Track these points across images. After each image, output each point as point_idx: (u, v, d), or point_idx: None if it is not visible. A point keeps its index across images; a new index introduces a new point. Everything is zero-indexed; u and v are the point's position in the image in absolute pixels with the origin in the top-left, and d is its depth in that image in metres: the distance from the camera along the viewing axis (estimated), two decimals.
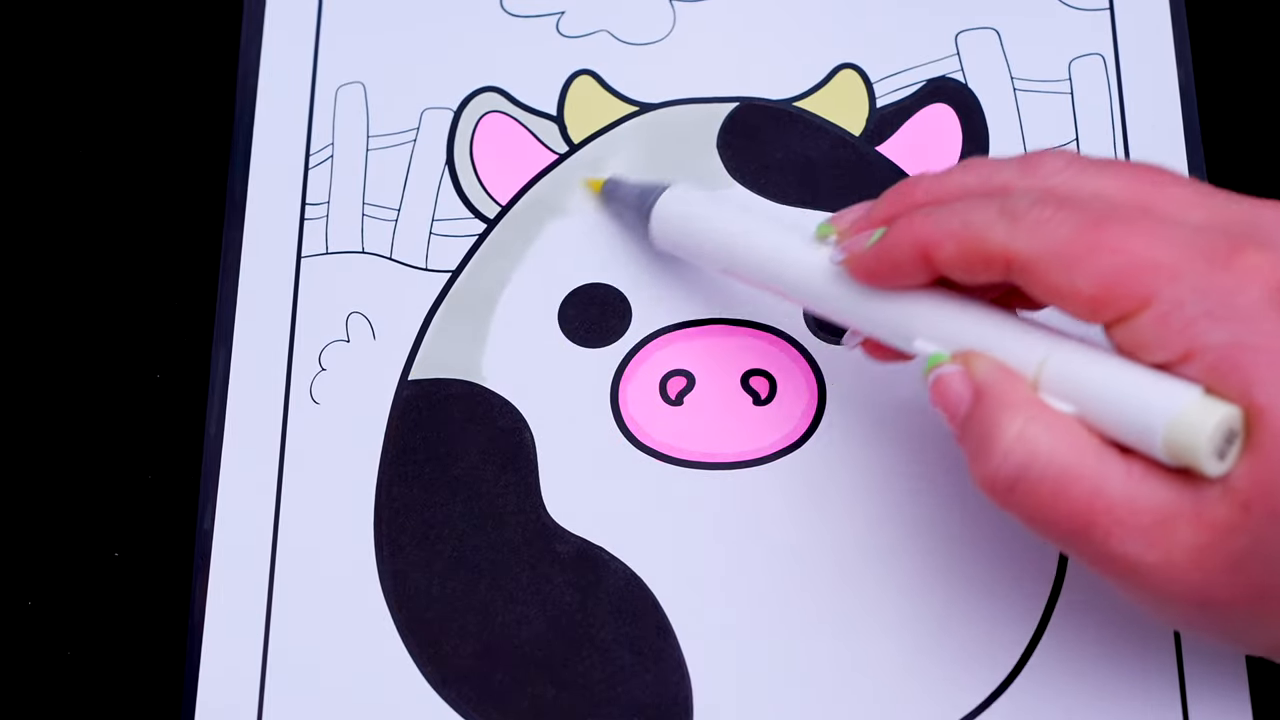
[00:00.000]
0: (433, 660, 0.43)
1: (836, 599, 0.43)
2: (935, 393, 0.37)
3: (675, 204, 0.44)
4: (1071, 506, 0.34)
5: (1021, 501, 0.35)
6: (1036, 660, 0.42)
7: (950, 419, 0.37)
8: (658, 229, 0.45)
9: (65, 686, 0.45)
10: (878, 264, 0.38)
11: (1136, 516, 0.33)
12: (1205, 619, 0.35)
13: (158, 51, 0.52)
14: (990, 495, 0.36)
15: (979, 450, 0.35)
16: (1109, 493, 0.34)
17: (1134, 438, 0.34)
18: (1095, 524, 0.34)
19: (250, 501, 0.45)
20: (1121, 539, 0.33)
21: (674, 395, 0.46)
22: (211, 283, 0.48)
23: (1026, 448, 0.34)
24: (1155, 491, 0.34)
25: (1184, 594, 0.34)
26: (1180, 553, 0.33)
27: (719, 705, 0.43)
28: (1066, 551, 0.36)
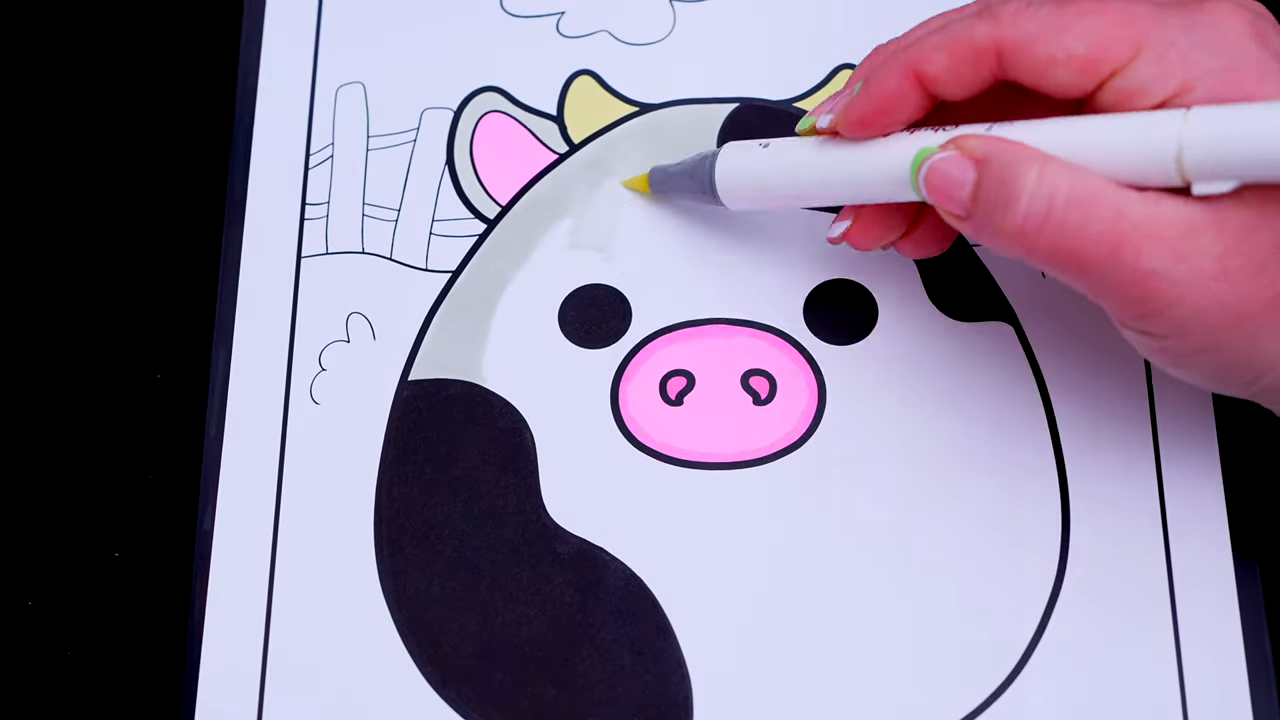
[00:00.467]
0: (433, 660, 0.43)
1: (836, 599, 0.43)
2: (931, 182, 0.38)
3: (733, 159, 0.44)
4: (1100, 229, 0.35)
5: (1052, 237, 0.36)
6: (1036, 660, 0.42)
7: (953, 203, 0.38)
8: (725, 189, 0.44)
9: (65, 686, 0.45)
10: (867, 105, 0.39)
11: (1161, 230, 0.35)
12: (1230, 342, 0.36)
13: (158, 51, 0.52)
14: (1020, 243, 0.36)
15: (1000, 207, 0.36)
16: (1132, 213, 0.35)
17: (1149, 169, 0.35)
18: (1124, 241, 0.35)
19: (250, 502, 0.45)
20: (1150, 253, 0.35)
21: (674, 395, 0.46)
22: (211, 283, 0.48)
23: (1049, 186, 0.36)
24: (1175, 209, 0.35)
25: (1210, 309, 0.35)
26: (1206, 261, 0.35)
27: (719, 705, 0.43)
28: (1096, 284, 0.36)
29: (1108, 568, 0.43)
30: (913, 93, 0.39)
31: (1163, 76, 0.36)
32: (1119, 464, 0.44)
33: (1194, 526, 0.43)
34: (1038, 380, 0.45)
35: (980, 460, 0.44)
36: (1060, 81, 0.37)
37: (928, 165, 0.38)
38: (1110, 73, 0.36)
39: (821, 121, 0.41)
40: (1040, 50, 0.37)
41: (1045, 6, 0.37)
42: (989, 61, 0.38)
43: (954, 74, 0.38)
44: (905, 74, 0.39)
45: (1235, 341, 0.36)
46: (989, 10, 0.38)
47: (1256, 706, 0.42)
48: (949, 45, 0.38)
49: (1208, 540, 0.43)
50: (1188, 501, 0.44)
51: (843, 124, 0.40)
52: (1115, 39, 0.36)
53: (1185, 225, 0.35)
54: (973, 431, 0.45)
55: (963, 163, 0.38)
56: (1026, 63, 0.37)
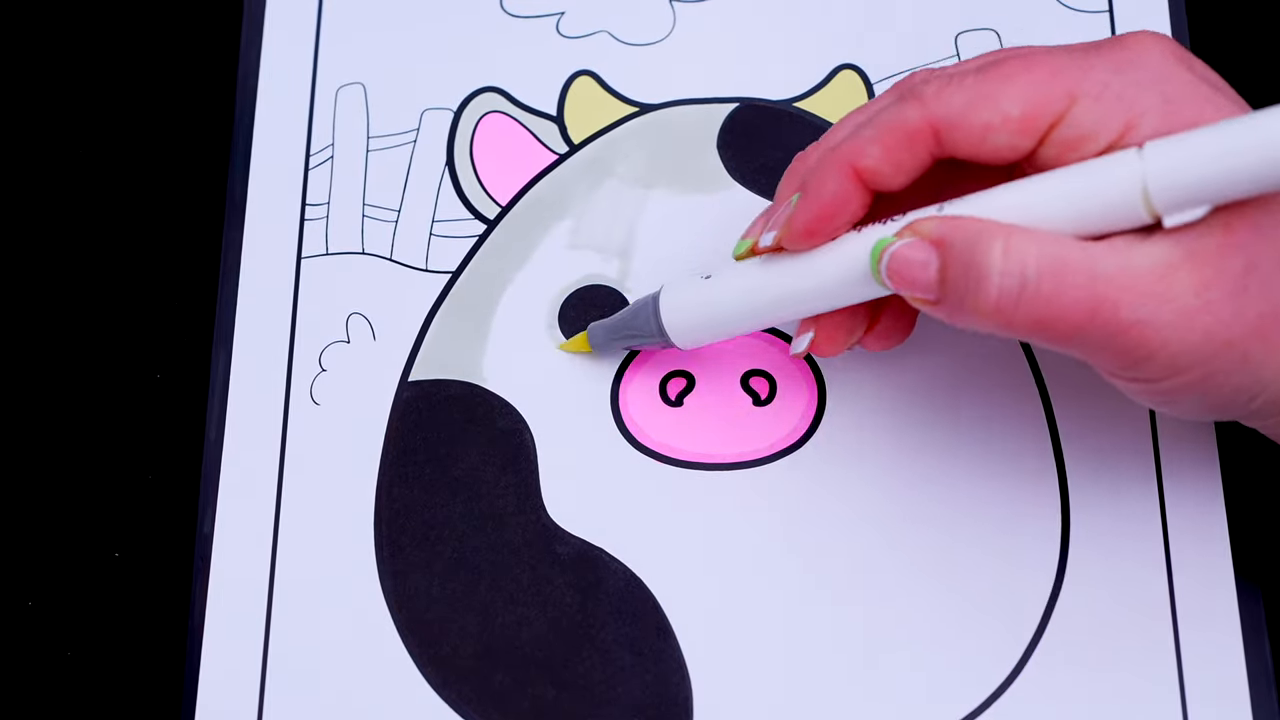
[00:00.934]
0: (433, 661, 0.43)
1: (836, 599, 0.43)
2: (894, 272, 0.37)
3: (678, 299, 0.43)
4: (1076, 295, 0.35)
5: (1029, 311, 0.35)
6: (1036, 660, 0.42)
7: (921, 289, 0.37)
8: (676, 332, 0.43)
9: (65, 686, 0.45)
10: (810, 214, 0.39)
11: (1137, 279, 0.35)
12: (1222, 370, 0.35)
13: (158, 51, 0.52)
14: (997, 320, 0.36)
15: (971, 288, 0.36)
16: (1106, 269, 0.35)
17: (1115, 214, 0.35)
18: (1102, 301, 0.35)
19: (250, 502, 0.45)
20: (1131, 305, 0.35)
21: (674, 396, 0.46)
22: (212, 283, 0.48)
23: (1016, 261, 0.35)
24: (1145, 254, 0.35)
25: (1199, 342, 0.35)
26: (1187, 297, 0.34)
27: (719, 705, 0.43)
28: (1083, 348, 0.36)
29: (1108, 568, 0.43)
30: (854, 191, 0.38)
31: (1105, 119, 0.35)
32: (1119, 464, 0.44)
33: (1193, 526, 0.43)
34: (1038, 381, 0.45)
35: (980, 461, 0.44)
36: (1000, 146, 0.37)
37: (888, 255, 0.37)
38: (1049, 126, 0.36)
39: (764, 240, 0.40)
40: (975, 120, 0.36)
41: (967, 78, 0.37)
42: (925, 143, 0.37)
43: (892, 163, 0.38)
44: (843, 173, 0.38)
45: (1227, 368, 0.36)
46: (911, 93, 0.37)
47: (1256, 706, 0.42)
48: (882, 136, 0.38)
49: (1207, 540, 0.43)
50: (1187, 501, 0.44)
51: (787, 238, 0.39)
52: (1047, 93, 0.36)
53: (1159, 267, 0.35)
54: (973, 432, 0.45)
55: (923, 247, 0.37)
56: (964, 136, 0.37)
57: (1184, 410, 0.38)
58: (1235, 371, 0.36)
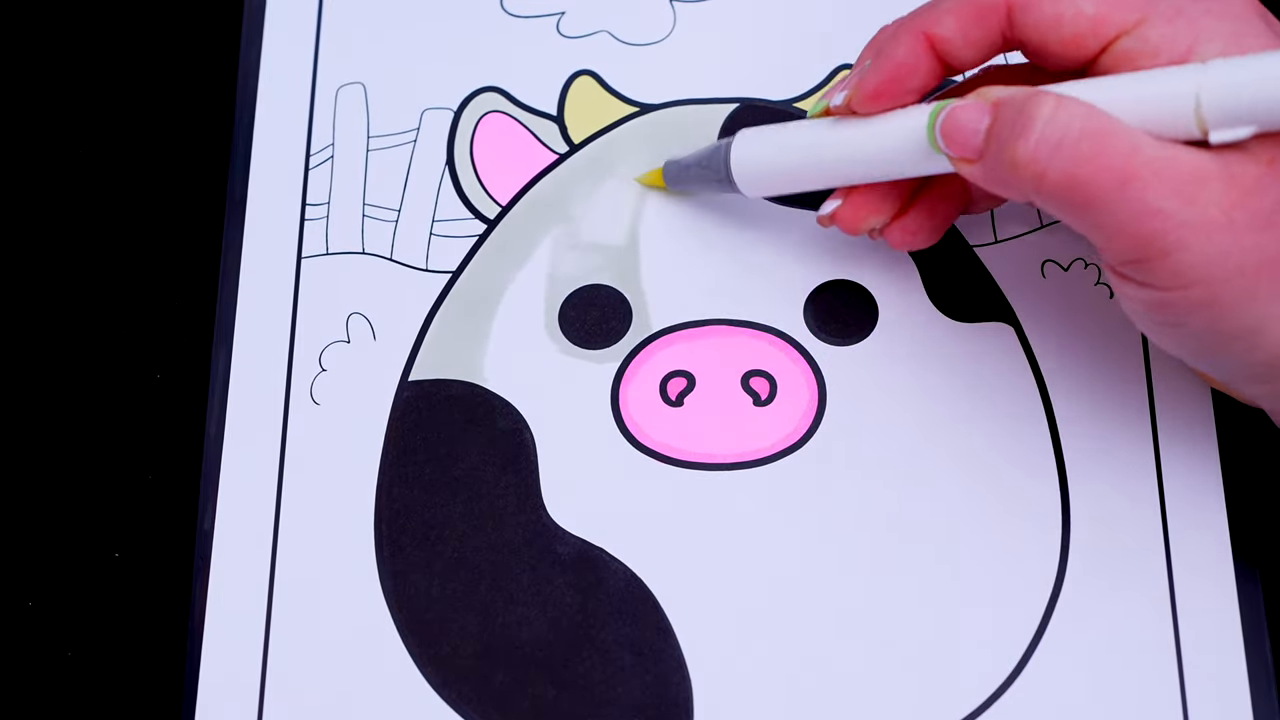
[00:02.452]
0: (433, 661, 0.43)
1: (836, 599, 0.43)
2: (948, 129, 0.38)
3: (748, 145, 0.44)
4: (1112, 162, 0.35)
5: (1064, 165, 0.36)
6: (1036, 660, 0.42)
7: (968, 148, 0.38)
8: (742, 176, 0.44)
9: (65, 686, 0.45)
10: (881, 76, 0.40)
11: (1172, 171, 0.35)
12: (1228, 298, 0.36)
13: (158, 51, 0.52)
14: (1030, 168, 0.36)
15: (1013, 135, 0.36)
16: (1145, 151, 0.35)
17: (1166, 118, 0.36)
18: (1134, 176, 0.35)
19: (250, 502, 0.45)
20: (1159, 192, 0.35)
21: (674, 396, 0.46)
22: (211, 283, 0.48)
23: (1064, 116, 0.36)
24: (1188, 156, 0.35)
25: (1213, 258, 0.35)
26: (1213, 209, 0.35)
27: (719, 705, 0.43)
28: (1102, 221, 0.36)
29: (1108, 568, 0.43)
30: (924, 59, 0.39)
31: (1170, 39, 0.36)
32: (1119, 464, 0.44)
33: (1194, 526, 0.43)
34: (1038, 380, 0.45)
35: (980, 460, 0.44)
36: (1066, 40, 0.37)
37: (945, 112, 0.38)
38: (1116, 35, 0.37)
39: (835, 100, 0.41)
40: (1049, 8, 0.37)
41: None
42: (998, 19, 0.38)
43: (963, 35, 0.39)
44: (916, 40, 0.39)
45: (1232, 299, 0.36)
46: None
47: (1256, 706, 0.42)
48: (958, 8, 0.39)
49: (1208, 539, 0.43)
50: (1187, 501, 0.44)
51: (856, 99, 0.40)
52: (1123, 1, 0.37)
53: (1196, 172, 0.35)
54: (973, 432, 0.45)
55: (980, 108, 0.38)
56: (1035, 20, 0.38)
57: (1181, 337, 0.38)
58: (1241, 305, 0.36)
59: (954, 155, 0.38)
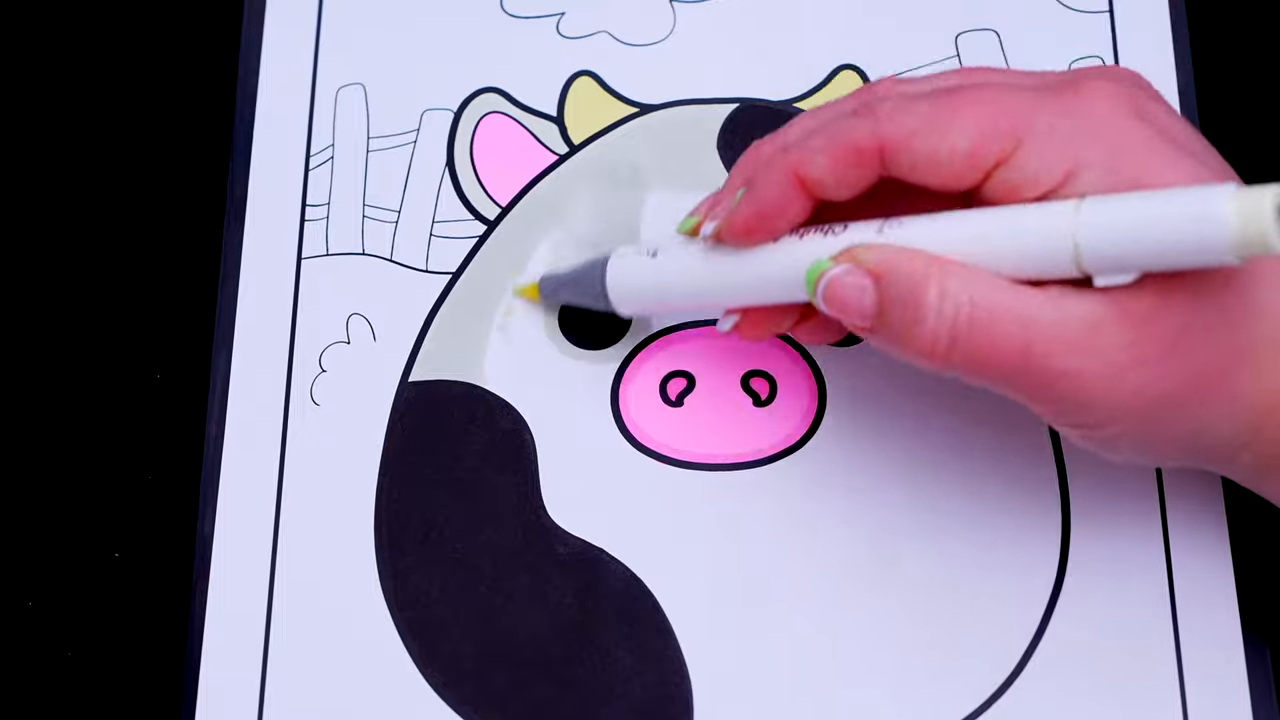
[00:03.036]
0: (433, 661, 0.43)
1: (837, 600, 0.43)
2: (830, 298, 0.38)
3: (623, 268, 0.43)
4: (1009, 342, 0.35)
5: (962, 353, 0.36)
6: (1036, 660, 0.42)
7: (856, 317, 0.37)
8: (617, 298, 0.44)
9: (65, 686, 0.45)
10: (750, 212, 0.39)
11: (1068, 331, 0.35)
12: (1157, 422, 0.36)
13: (158, 52, 0.52)
14: (931, 362, 0.37)
15: (907, 327, 0.36)
16: (1038, 317, 0.35)
17: (1048, 265, 0.35)
18: (1033, 345, 0.35)
19: (251, 502, 0.45)
20: (1061, 354, 0.35)
21: (674, 397, 0.46)
22: (212, 284, 0.48)
23: (951, 304, 0.36)
24: (1078, 306, 0.35)
25: (1130, 397, 0.35)
26: (1115, 351, 0.35)
27: (719, 705, 0.43)
28: (1018, 392, 0.36)
29: (1108, 568, 0.43)
30: (797, 197, 0.38)
31: (1048, 166, 0.35)
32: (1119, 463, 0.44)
33: (1193, 525, 0.43)
34: None
35: (980, 461, 0.44)
36: (945, 177, 0.37)
37: (824, 281, 0.38)
38: (994, 164, 0.36)
39: (706, 229, 0.40)
40: (922, 147, 0.36)
41: (922, 102, 0.37)
42: (871, 161, 0.37)
43: (837, 176, 0.38)
44: (788, 179, 0.38)
45: (1162, 423, 0.36)
46: (866, 108, 0.38)
47: (1256, 706, 0.42)
48: (830, 149, 0.38)
49: (1207, 539, 0.43)
50: (1187, 501, 0.44)
51: (726, 232, 0.40)
52: (996, 132, 0.36)
53: (1090, 321, 0.35)
54: (973, 433, 0.45)
55: (860, 277, 0.37)
56: (909, 160, 0.37)
57: (1128, 456, 0.38)
58: (1173, 423, 0.36)
59: (844, 321, 0.38)
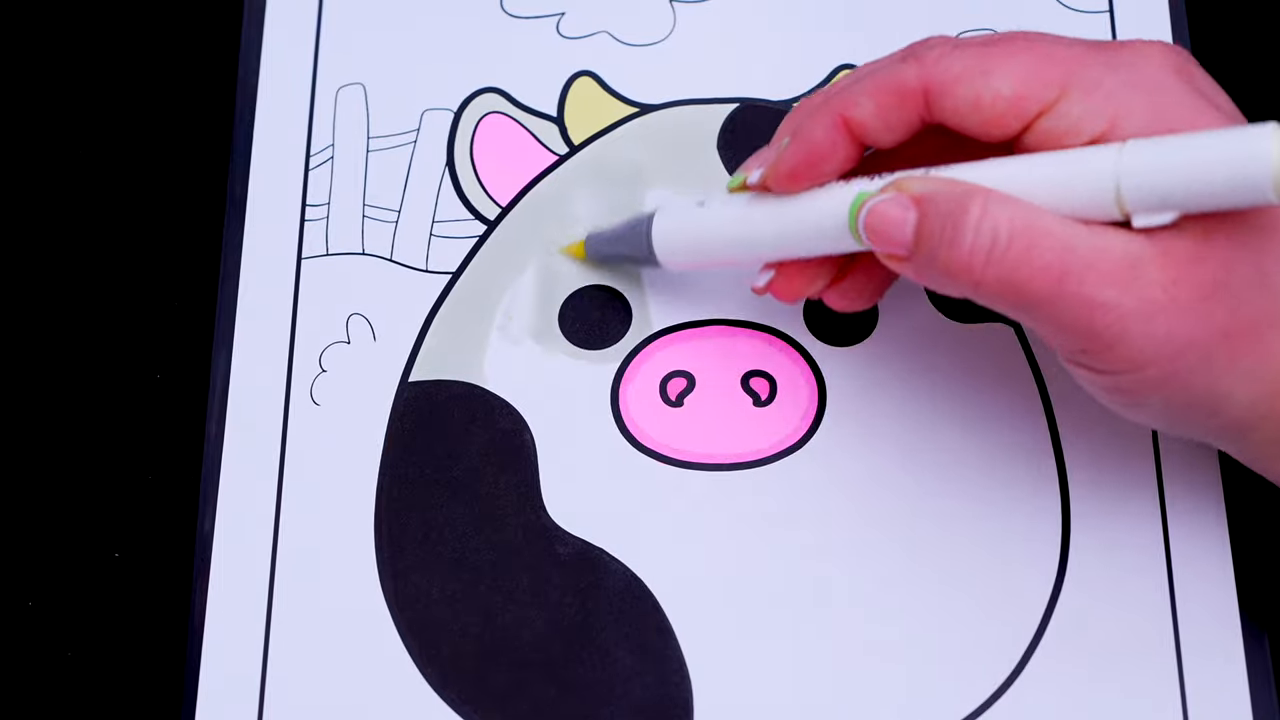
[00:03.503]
0: (433, 661, 0.43)
1: (836, 600, 0.43)
2: (871, 225, 0.38)
3: (669, 221, 0.44)
4: (1045, 261, 0.35)
5: (998, 270, 0.36)
6: (1036, 660, 0.42)
7: (894, 244, 0.37)
8: (663, 252, 0.44)
9: (65, 686, 0.45)
10: (797, 157, 0.39)
11: (1107, 261, 0.35)
12: (1182, 375, 0.35)
13: (158, 52, 0.52)
14: (965, 276, 0.36)
15: (945, 244, 0.36)
16: (1078, 245, 0.35)
17: (1089, 204, 0.35)
18: (1070, 271, 0.35)
19: (250, 502, 0.45)
20: (1096, 283, 0.35)
21: (674, 396, 0.46)
22: (212, 283, 0.48)
23: (992, 219, 0.36)
24: (1119, 241, 0.35)
25: (1160, 340, 0.35)
26: (1153, 289, 0.35)
27: (719, 705, 0.43)
28: (1044, 318, 0.36)
29: (1108, 567, 0.43)
30: (842, 141, 0.39)
31: (1090, 115, 0.36)
32: (1119, 464, 0.44)
33: (1193, 525, 0.44)
34: (1038, 381, 0.45)
35: (980, 461, 0.44)
36: (987, 122, 0.37)
37: (867, 208, 0.38)
38: (1037, 113, 0.36)
39: (752, 178, 0.40)
40: (966, 91, 0.37)
41: (970, 47, 0.37)
42: (916, 104, 0.37)
43: (882, 119, 0.38)
44: (833, 122, 0.38)
45: (1187, 374, 0.35)
46: (913, 54, 0.38)
47: (1256, 706, 0.42)
48: (875, 91, 0.38)
49: (1207, 539, 0.43)
50: (1187, 501, 0.44)
51: (773, 178, 0.40)
52: (1041, 79, 0.36)
53: (1130, 257, 0.35)
54: (973, 432, 0.45)
55: (903, 202, 0.37)
56: (953, 104, 0.37)
57: (1145, 414, 0.38)
58: (1197, 376, 0.35)
59: (882, 252, 0.38)
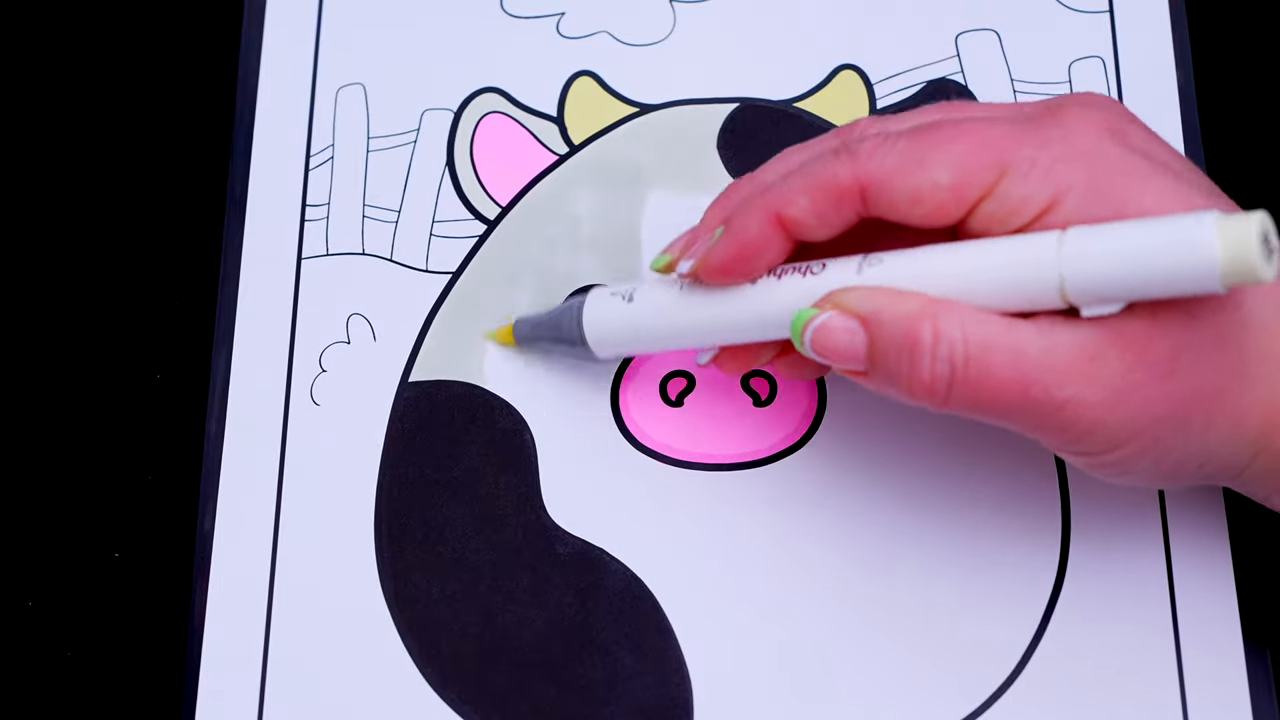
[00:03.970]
0: (433, 660, 0.43)
1: (836, 600, 0.43)
2: (820, 345, 0.37)
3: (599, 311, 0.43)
4: (1004, 375, 0.35)
5: (961, 392, 0.36)
6: (1036, 660, 0.42)
7: (849, 361, 0.37)
8: (595, 341, 0.43)
9: (65, 686, 0.45)
10: (728, 252, 0.38)
11: (1061, 360, 0.35)
12: (1163, 442, 0.35)
13: (158, 51, 0.52)
14: (929, 400, 0.36)
15: (905, 371, 0.36)
16: (1031, 350, 0.35)
17: (1035, 297, 0.35)
18: (1030, 380, 0.35)
19: (250, 502, 0.45)
20: (1060, 385, 0.35)
21: (674, 396, 0.46)
22: (212, 283, 0.48)
23: (947, 344, 0.35)
24: (1069, 336, 0.35)
25: (1133, 418, 0.35)
26: (1112, 377, 0.34)
27: (719, 705, 0.43)
28: (1022, 426, 0.36)
29: (1108, 567, 0.43)
30: (776, 237, 0.38)
31: (1031, 196, 0.35)
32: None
33: (1194, 526, 0.43)
34: None
35: (980, 461, 0.44)
36: (928, 214, 0.36)
37: (811, 329, 0.37)
38: (978, 199, 0.36)
39: (682, 267, 0.40)
40: (904, 185, 0.36)
41: (902, 140, 0.37)
42: (852, 201, 0.37)
43: (818, 217, 0.37)
44: (767, 219, 0.38)
45: (1168, 442, 0.36)
46: (846, 149, 0.37)
47: (1256, 706, 0.42)
48: (809, 189, 0.37)
49: (1207, 539, 0.43)
50: (1187, 501, 0.44)
51: (704, 271, 0.39)
52: (978, 164, 0.36)
53: (1084, 349, 0.34)
54: (972, 433, 0.45)
55: (849, 325, 0.37)
56: (890, 199, 0.36)
57: (1138, 479, 0.38)
58: (1177, 442, 0.36)
59: (837, 368, 0.38)
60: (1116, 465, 0.37)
